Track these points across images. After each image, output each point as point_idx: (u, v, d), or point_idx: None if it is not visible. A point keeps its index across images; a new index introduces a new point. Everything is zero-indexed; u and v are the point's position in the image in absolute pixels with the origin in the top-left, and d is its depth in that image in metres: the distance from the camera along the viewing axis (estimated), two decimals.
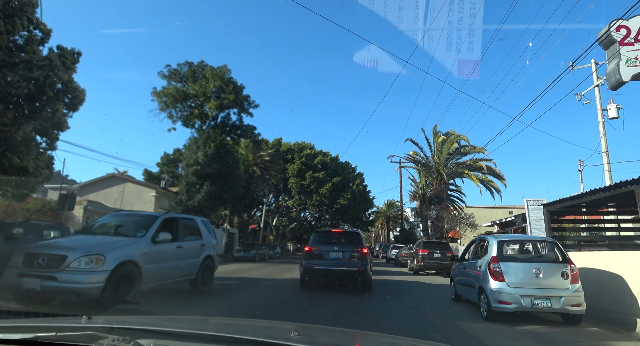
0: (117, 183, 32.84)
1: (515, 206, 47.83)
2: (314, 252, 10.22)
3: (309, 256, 10.19)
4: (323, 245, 10.30)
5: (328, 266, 9.88)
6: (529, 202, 24.11)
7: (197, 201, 24.56)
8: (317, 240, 10.63)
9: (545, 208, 10.43)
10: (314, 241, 10.71)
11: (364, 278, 9.91)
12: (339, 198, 42.35)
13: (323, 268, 9.88)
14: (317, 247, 10.35)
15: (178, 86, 26.46)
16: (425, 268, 17.40)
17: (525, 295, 5.89)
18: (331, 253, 10.24)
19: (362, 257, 9.98)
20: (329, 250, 10.16)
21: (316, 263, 10.01)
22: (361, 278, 9.91)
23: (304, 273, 10.16)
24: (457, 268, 8.57)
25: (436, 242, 18.53)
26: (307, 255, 10.26)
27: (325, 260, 10.02)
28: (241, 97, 26.85)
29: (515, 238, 7.69)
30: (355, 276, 9.90)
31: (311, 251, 10.27)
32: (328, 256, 10.16)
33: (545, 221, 10.44)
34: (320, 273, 9.96)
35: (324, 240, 10.58)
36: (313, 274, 10.05)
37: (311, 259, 10.10)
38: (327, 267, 9.88)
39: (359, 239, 10.60)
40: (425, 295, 10.33)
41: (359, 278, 9.92)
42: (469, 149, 28.22)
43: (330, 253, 10.20)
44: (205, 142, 25.08)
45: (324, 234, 11.37)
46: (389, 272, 19.13)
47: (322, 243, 10.39)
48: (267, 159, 36.11)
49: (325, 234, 11.37)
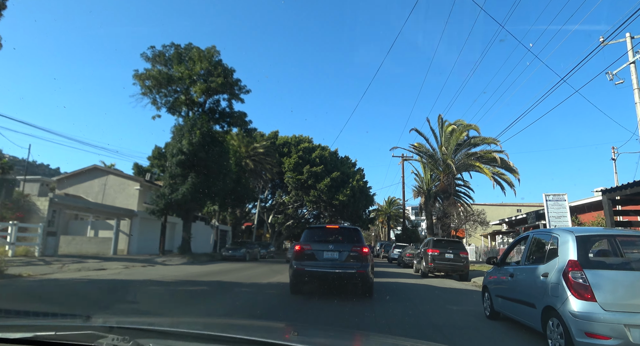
0: (99, 175, 30.50)
1: (523, 203, 45.55)
2: (306, 251, 8.69)
3: (299, 256, 8.68)
4: (316, 243, 8.80)
5: (322, 268, 8.41)
6: (548, 197, 21.75)
7: (180, 195, 22.25)
8: (310, 237, 9.11)
9: (605, 195, 8.08)
10: (305, 238, 9.08)
11: (364, 281, 8.46)
12: (337, 193, 40.05)
13: (316, 270, 8.42)
14: (309, 245, 8.76)
15: (162, 69, 24.11)
16: (435, 270, 15.11)
17: (633, 325, 3.61)
18: (326, 253, 8.60)
19: (362, 257, 8.50)
20: (323, 249, 8.63)
21: (308, 264, 8.53)
22: (361, 281, 8.47)
23: (293, 276, 8.72)
24: (496, 274, 6.27)
25: (448, 240, 16.24)
26: (297, 255, 8.74)
27: (319, 261, 8.53)
28: (231, 81, 24.51)
29: (602, 233, 5.33)
30: (353, 280, 8.48)
31: (302, 251, 8.72)
32: (322, 256, 8.58)
33: (606, 212, 8.10)
34: (313, 276, 8.51)
35: (318, 238, 9.12)
36: (304, 277, 8.58)
37: (302, 259, 8.62)
38: (320, 269, 8.41)
39: (359, 237, 9.04)
40: (444, 307, 8.06)
41: (358, 281, 8.49)
42: (480, 141, 25.88)
43: (325, 252, 8.60)
44: (191, 130, 22.73)
45: (318, 231, 9.65)
46: (393, 274, 16.86)
47: (316, 241, 8.91)
48: (261, 152, 33.79)
49: (319, 231, 9.64)
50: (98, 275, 11.76)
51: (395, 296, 9.42)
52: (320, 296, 8.84)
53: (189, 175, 22.78)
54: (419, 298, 9.39)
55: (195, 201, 23.04)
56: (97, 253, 23.44)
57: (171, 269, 14.82)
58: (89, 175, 30.70)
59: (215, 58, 24.52)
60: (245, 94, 25.53)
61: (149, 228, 25.96)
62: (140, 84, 24.25)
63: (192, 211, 24.49)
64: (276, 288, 10.35)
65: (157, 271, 13.60)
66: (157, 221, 25.36)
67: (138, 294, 8.55)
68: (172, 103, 25.44)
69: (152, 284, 9.99)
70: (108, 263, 16.62)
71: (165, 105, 25.58)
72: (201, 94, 24.21)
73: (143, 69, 24.01)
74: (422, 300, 8.89)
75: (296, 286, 8.92)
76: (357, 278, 8.34)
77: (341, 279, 8.57)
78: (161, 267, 16.08)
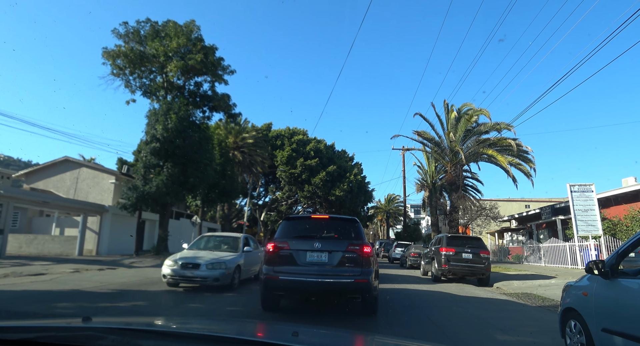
0: (71, 168, 27.71)
1: (531, 199, 43.00)
2: (281, 252, 6.01)
3: (272, 258, 6.02)
4: (297, 240, 6.09)
5: (304, 277, 5.76)
6: (573, 187, 19.05)
7: (154, 187, 19.51)
8: (288, 232, 6.36)
9: None
10: (282, 233, 6.36)
11: (366, 295, 5.82)
12: (334, 188, 37.40)
13: (295, 280, 5.76)
14: (285, 243, 6.07)
15: (135, 46, 21.30)
16: (449, 273, 12.45)
17: None
18: (310, 254, 5.91)
19: (363, 260, 5.85)
20: (306, 249, 5.95)
21: (284, 270, 5.87)
22: (361, 295, 5.84)
23: (263, 288, 6.10)
24: (602, 290, 3.59)
25: (465, 237, 13.56)
26: (269, 257, 6.07)
27: (300, 266, 5.87)
28: (212, 60, 21.73)
29: None
30: (350, 294, 5.86)
31: (276, 251, 6.04)
32: (304, 258, 5.91)
33: None
34: (291, 288, 5.92)
35: (299, 232, 6.38)
36: (278, 290, 6.02)
37: (275, 264, 5.96)
38: (302, 278, 5.75)
39: (357, 232, 6.40)
40: (492, 337, 5.39)
41: (356, 295, 5.86)
42: (491, 127, 23.21)
43: (309, 253, 5.92)
44: (167, 113, 19.96)
45: (300, 223, 6.94)
46: (398, 277, 14.23)
47: (296, 237, 6.18)
48: (250, 143, 31.04)
49: (302, 223, 6.96)
50: (17, 284, 9.04)
51: (409, 312, 6.77)
52: (303, 314, 6.23)
53: (165, 165, 20.04)
54: (442, 315, 6.74)
55: (172, 194, 20.27)
56: (60, 253, 20.69)
57: (129, 274, 12.12)
58: (60, 168, 27.90)
59: (195, 34, 21.76)
60: (229, 75, 22.79)
61: (123, 226, 23.17)
62: (110, 64, 21.47)
63: (168, 206, 21.72)
64: (246, 301, 7.68)
65: (106, 277, 10.90)
66: (133, 218, 22.62)
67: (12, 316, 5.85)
68: (148, 86, 22.70)
69: (68, 298, 7.28)
70: (59, 265, 13.91)
71: (140, 88, 22.82)
72: (178, 73, 21.39)
73: (114, 45, 21.21)
74: (449, 320, 6.24)
75: (269, 301, 6.30)
76: (356, 290, 5.74)
77: (332, 293, 5.97)
78: (122, 271, 13.39)
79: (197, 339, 1.45)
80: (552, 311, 7.48)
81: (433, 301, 8.41)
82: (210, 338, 1.47)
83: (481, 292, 10.56)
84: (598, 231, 17.20)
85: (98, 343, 1.32)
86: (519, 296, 9.50)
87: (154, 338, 1.45)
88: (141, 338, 1.40)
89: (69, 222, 24.45)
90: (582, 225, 17.60)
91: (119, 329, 1.49)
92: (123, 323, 1.81)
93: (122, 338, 1.34)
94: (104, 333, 1.41)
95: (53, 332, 1.46)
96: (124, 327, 1.55)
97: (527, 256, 22.98)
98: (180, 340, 1.47)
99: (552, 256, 19.75)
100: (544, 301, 8.64)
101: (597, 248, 16.58)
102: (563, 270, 16.85)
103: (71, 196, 26.23)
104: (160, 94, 22.53)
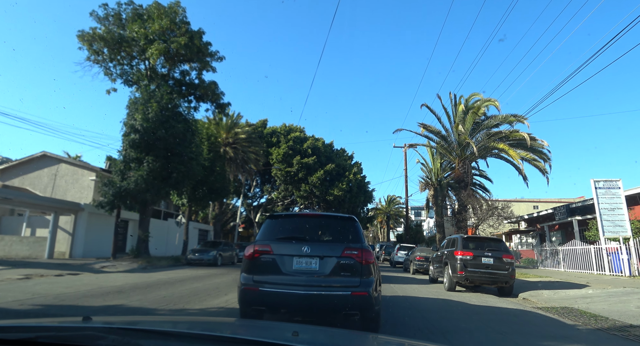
0: (49, 164, 25.77)
1: (540, 199, 41.12)
2: (262, 257, 4.74)
3: (252, 265, 4.75)
4: (281, 243, 4.84)
5: (290, 288, 4.47)
6: (598, 184, 17.04)
7: (133, 183, 17.61)
8: (271, 233, 5.09)
9: None
10: (264, 235, 5.05)
11: (365, 311, 4.51)
12: (332, 188, 35.51)
13: (279, 292, 4.48)
14: (268, 247, 4.77)
15: (113, 29, 19.43)
16: (467, 281, 10.53)
17: None
18: (297, 260, 4.65)
19: (362, 268, 4.58)
20: (292, 254, 4.69)
21: (266, 280, 4.61)
22: (360, 311, 4.49)
23: (241, 301, 4.80)
24: None
25: (483, 238, 11.61)
26: (248, 264, 4.79)
27: (285, 275, 4.60)
28: (198, 44, 19.87)
29: None
30: (346, 309, 4.46)
31: (257, 256, 4.75)
32: (290, 266, 4.65)
33: None
34: (274, 301, 4.58)
35: (285, 233, 5.14)
36: (258, 304, 4.67)
37: (256, 272, 4.71)
38: (287, 290, 4.47)
39: (355, 233, 5.06)
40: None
41: (354, 311, 4.48)
42: (502, 119, 21.40)
43: (296, 259, 4.66)
44: (147, 102, 18.09)
45: (286, 222, 5.59)
46: (404, 283, 12.30)
47: (281, 239, 4.94)
48: (243, 138, 29.16)
49: (289, 222, 5.59)
50: None
51: (426, 334, 4.87)
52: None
53: (145, 159, 18.15)
54: (472, 339, 4.85)
55: (153, 190, 18.36)
56: (28, 256, 18.74)
57: (85, 282, 10.21)
58: (38, 164, 25.96)
59: (180, 17, 19.91)
60: (217, 62, 20.96)
61: (102, 226, 21.22)
62: (87, 48, 19.60)
63: (149, 204, 19.78)
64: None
65: (51, 286, 8.98)
66: (113, 218, 20.69)
67: None
68: (130, 74, 20.84)
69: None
70: (12, 270, 12.02)
71: (121, 76, 20.98)
72: (161, 60, 19.57)
73: (89, 28, 19.35)
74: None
75: (248, 316, 4.76)
76: (353, 305, 4.43)
77: (324, 308, 4.54)
78: (84, 277, 11.49)
79: (198, 339, 1.42)
80: (619, 336, 5.60)
81: (453, 319, 6.53)
82: (211, 337, 1.45)
83: (510, 305, 8.67)
84: (627, 233, 15.33)
85: (98, 342, 1.29)
86: (559, 312, 7.62)
87: (154, 338, 1.41)
88: (142, 337, 1.36)
89: (41, 222, 22.48)
90: (609, 226, 15.72)
91: (120, 329, 1.46)
92: (124, 322, 1.79)
93: (123, 337, 1.31)
94: (104, 332, 1.38)
95: (53, 332, 1.44)
96: (124, 327, 1.53)
97: (542, 260, 21.08)
98: (181, 340, 1.44)
99: (573, 261, 17.85)
100: (596, 320, 6.75)
101: (628, 252, 14.70)
102: (590, 277, 14.96)
103: (48, 194, 24.29)
104: (143, 84, 20.67)
